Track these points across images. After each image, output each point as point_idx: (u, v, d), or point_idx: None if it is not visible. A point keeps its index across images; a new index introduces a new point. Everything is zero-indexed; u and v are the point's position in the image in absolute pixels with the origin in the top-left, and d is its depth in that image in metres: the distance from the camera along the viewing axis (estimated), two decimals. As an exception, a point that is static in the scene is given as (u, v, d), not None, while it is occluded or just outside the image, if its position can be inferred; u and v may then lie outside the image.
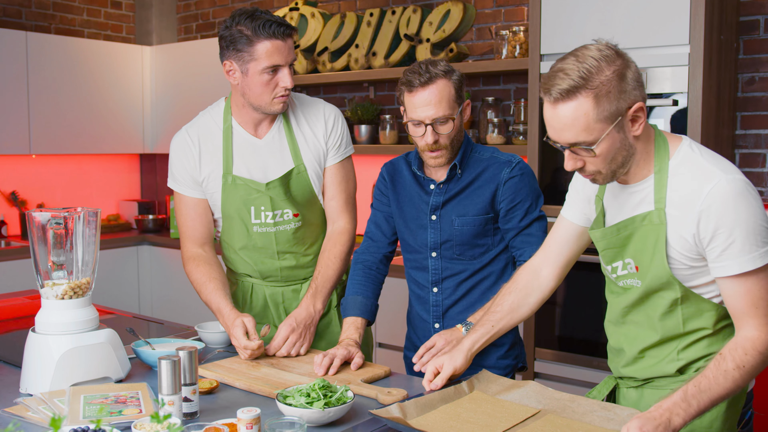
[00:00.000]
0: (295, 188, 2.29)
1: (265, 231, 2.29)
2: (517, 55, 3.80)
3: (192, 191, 2.30)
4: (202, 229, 2.31)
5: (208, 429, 1.49)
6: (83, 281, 1.91)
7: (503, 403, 1.75)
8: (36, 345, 1.86)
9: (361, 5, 4.74)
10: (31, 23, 5.16)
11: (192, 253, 2.29)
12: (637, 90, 1.57)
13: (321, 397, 1.64)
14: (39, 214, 1.87)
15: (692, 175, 1.60)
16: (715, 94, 3.08)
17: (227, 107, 2.30)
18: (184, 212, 2.30)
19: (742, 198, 1.54)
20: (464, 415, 1.68)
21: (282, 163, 2.28)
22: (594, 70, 1.53)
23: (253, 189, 2.25)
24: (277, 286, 2.39)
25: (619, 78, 1.54)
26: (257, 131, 2.29)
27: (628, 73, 1.55)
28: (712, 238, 1.56)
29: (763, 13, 3.37)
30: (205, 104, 5.18)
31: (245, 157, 2.27)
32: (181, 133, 2.32)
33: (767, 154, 3.40)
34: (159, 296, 5.19)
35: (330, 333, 2.44)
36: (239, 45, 2.12)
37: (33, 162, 5.13)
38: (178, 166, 2.30)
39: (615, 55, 1.56)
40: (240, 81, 2.17)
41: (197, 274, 2.24)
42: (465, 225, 2.16)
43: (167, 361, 1.61)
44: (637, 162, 1.66)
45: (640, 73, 1.59)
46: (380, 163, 4.54)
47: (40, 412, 1.69)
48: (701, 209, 1.56)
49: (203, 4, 5.68)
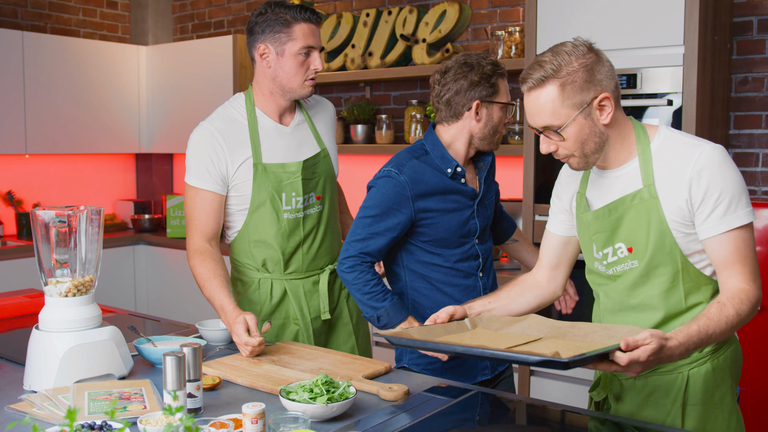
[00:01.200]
0: (321, 171, 2.41)
1: (295, 217, 2.36)
2: (512, 56, 3.83)
3: (212, 185, 2.29)
4: (213, 225, 2.31)
5: (214, 424, 1.51)
6: (86, 279, 1.93)
7: (506, 335, 1.77)
8: (40, 342, 1.88)
9: (357, 5, 4.76)
10: (27, 23, 5.16)
11: (199, 247, 2.29)
12: (606, 82, 1.72)
13: (324, 392, 1.66)
14: (43, 213, 1.89)
15: (677, 150, 1.74)
16: (709, 94, 3.11)
17: (249, 99, 2.37)
18: (199, 206, 2.30)
19: (727, 163, 1.70)
20: (468, 342, 1.70)
21: (309, 147, 2.41)
22: (564, 63, 1.70)
23: (285, 174, 2.32)
24: (298, 278, 2.41)
25: (586, 70, 1.70)
26: (282, 120, 2.39)
27: (597, 67, 1.71)
28: (702, 201, 1.69)
29: (756, 14, 3.41)
30: (201, 104, 5.21)
31: (274, 144, 2.34)
32: (203, 127, 2.33)
33: (760, 153, 3.44)
34: (155, 296, 5.20)
35: (341, 324, 2.51)
36: (277, 26, 2.24)
37: (29, 162, 5.13)
38: (200, 159, 2.29)
39: (587, 50, 1.72)
40: (273, 63, 2.28)
41: (202, 269, 2.25)
42: (491, 207, 2.37)
43: (172, 357, 1.63)
44: (614, 147, 1.78)
45: (612, 68, 1.75)
46: (376, 163, 4.59)
47: (45, 409, 1.70)
48: (692, 175, 1.69)
49: (199, 4, 5.70)
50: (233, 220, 2.39)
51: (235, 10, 5.48)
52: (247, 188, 2.31)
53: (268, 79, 2.31)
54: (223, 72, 4.97)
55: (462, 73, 2.19)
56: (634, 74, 3.05)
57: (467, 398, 1.84)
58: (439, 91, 2.24)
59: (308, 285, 2.44)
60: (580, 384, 3.26)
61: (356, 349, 2.54)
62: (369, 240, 2.19)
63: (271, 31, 2.25)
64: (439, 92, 2.24)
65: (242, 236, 2.38)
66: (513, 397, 1.93)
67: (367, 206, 2.21)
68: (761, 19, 3.40)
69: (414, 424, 1.67)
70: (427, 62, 4.07)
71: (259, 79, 2.35)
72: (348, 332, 2.54)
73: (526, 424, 1.79)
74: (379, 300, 2.18)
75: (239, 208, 2.36)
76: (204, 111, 5.05)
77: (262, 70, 2.32)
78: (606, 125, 1.74)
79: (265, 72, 2.31)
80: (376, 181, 2.23)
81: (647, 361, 1.51)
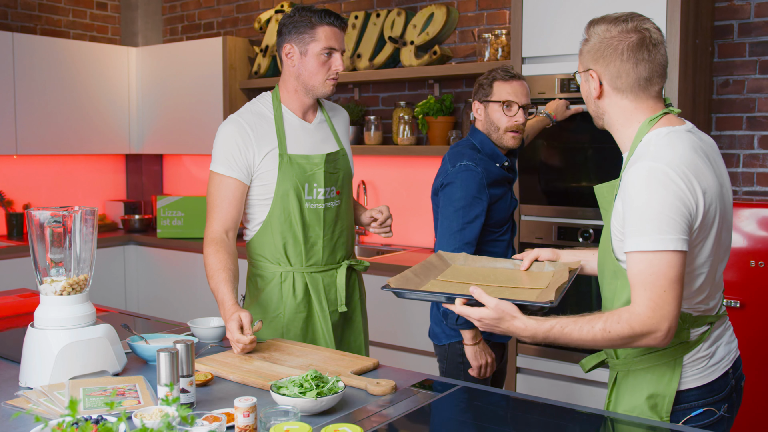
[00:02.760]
0: (340, 167, 2.55)
1: (315, 207, 2.46)
2: (499, 58, 3.89)
3: (239, 173, 2.39)
4: (234, 214, 2.40)
5: (207, 417, 1.56)
6: (81, 278, 1.97)
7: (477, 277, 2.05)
8: (35, 340, 1.92)
9: (346, 8, 4.81)
10: (17, 24, 5.18)
11: (217, 235, 2.36)
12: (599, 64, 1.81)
13: (313, 387, 1.71)
14: (39, 213, 1.93)
15: (635, 156, 1.74)
16: (690, 96, 3.18)
17: (275, 96, 2.51)
18: (223, 194, 2.39)
19: (652, 183, 1.64)
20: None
21: (330, 144, 2.56)
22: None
23: (308, 165, 2.45)
24: (318, 271, 2.50)
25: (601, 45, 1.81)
26: (305, 117, 2.53)
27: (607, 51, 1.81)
28: (624, 215, 1.69)
29: (737, 18, 3.48)
30: (191, 105, 5.23)
31: (298, 138, 2.48)
32: (232, 120, 2.44)
33: (741, 154, 3.51)
34: (145, 296, 5.23)
35: (355, 320, 2.64)
36: (302, 28, 2.39)
37: (19, 162, 5.15)
38: (228, 149, 2.39)
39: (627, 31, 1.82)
40: (297, 62, 2.43)
41: (214, 259, 2.31)
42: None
43: (166, 354, 1.68)
44: (617, 131, 1.85)
45: (629, 62, 1.78)
46: (365, 164, 4.64)
47: (41, 404, 1.74)
48: (621, 188, 1.73)
49: (189, 5, 5.73)
50: (255, 212, 2.47)
51: (224, 11, 5.51)
52: (272, 177, 2.42)
53: (293, 78, 2.46)
54: (213, 73, 5.00)
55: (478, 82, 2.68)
56: (617, 77, 3.11)
57: (453, 393, 1.90)
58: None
59: (327, 279, 2.53)
60: (566, 381, 3.32)
61: (363, 347, 2.66)
62: (465, 230, 2.49)
63: (297, 33, 2.40)
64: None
65: (265, 227, 2.46)
66: (498, 392, 1.98)
67: (454, 199, 2.51)
68: (742, 22, 3.47)
69: (400, 417, 1.72)
70: (414, 64, 4.12)
71: (285, 78, 2.49)
72: (359, 330, 2.66)
73: (511, 419, 1.84)
74: None
75: (262, 198, 2.44)
76: (194, 112, 5.11)
77: (288, 68, 2.46)
78: (598, 98, 1.83)
79: (290, 70, 2.46)
80: (456, 176, 2.52)
81: (480, 321, 1.71)
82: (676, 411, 1.80)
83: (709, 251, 1.73)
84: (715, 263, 1.78)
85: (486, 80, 2.64)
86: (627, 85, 1.78)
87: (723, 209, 1.76)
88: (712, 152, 1.81)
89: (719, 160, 1.83)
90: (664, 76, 1.82)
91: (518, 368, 3.45)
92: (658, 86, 1.81)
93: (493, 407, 1.90)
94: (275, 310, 2.47)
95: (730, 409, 1.86)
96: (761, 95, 3.45)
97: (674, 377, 1.79)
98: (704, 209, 1.67)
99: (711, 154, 1.79)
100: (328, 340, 2.49)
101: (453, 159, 2.59)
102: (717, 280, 1.83)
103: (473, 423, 1.79)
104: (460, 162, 2.55)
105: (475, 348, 2.55)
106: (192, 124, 5.17)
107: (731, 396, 1.87)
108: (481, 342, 2.57)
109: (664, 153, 1.68)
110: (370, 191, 4.68)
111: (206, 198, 2.44)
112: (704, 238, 1.71)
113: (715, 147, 1.85)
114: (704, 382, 1.81)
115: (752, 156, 3.49)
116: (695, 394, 1.80)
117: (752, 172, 3.49)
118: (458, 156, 2.59)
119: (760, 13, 3.43)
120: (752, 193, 3.49)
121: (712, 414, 1.81)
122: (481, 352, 2.56)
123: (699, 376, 1.81)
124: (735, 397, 1.89)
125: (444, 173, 2.60)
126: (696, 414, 1.80)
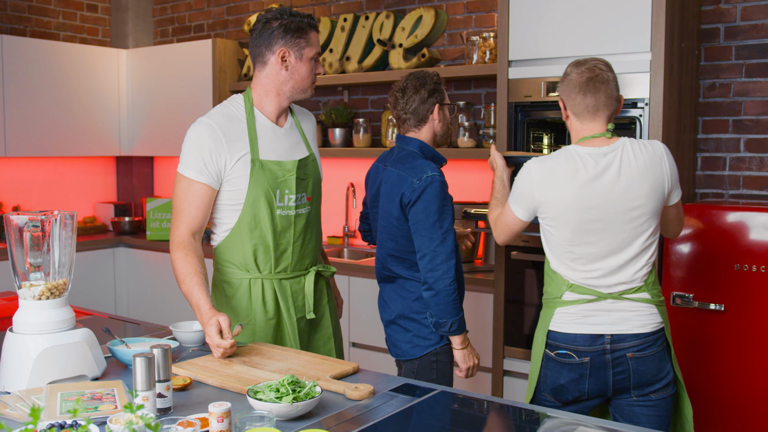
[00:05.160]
0: (310, 173, 2.53)
1: (287, 214, 2.45)
2: (487, 61, 3.90)
3: (206, 178, 2.34)
4: (201, 218, 2.36)
5: (182, 422, 1.56)
6: (60, 282, 1.97)
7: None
8: (14, 344, 1.91)
9: (335, 11, 4.81)
10: (7, 26, 5.17)
11: (184, 239, 2.32)
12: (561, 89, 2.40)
13: (290, 392, 1.71)
14: (16, 217, 1.92)
15: None
16: (676, 99, 3.19)
17: (248, 99, 2.46)
18: (190, 198, 2.34)
19: (522, 172, 2.36)
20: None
21: (300, 149, 2.53)
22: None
23: (280, 171, 2.42)
24: (286, 278, 2.48)
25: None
26: (277, 121, 2.50)
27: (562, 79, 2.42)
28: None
29: (723, 21, 3.49)
30: (181, 107, 5.22)
31: (270, 143, 2.44)
32: (202, 122, 2.38)
33: (727, 157, 3.52)
34: (135, 297, 5.22)
35: (323, 326, 2.62)
36: (297, 32, 2.39)
37: (8, 164, 5.14)
38: (198, 152, 2.34)
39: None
40: (292, 66, 2.41)
41: (184, 263, 2.28)
42: None
43: (141, 359, 1.67)
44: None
45: (570, 84, 2.34)
46: (354, 166, 4.65)
47: (17, 409, 1.74)
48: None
49: (179, 7, 5.73)
50: (223, 217, 2.43)
51: (215, 14, 5.51)
52: (242, 183, 2.37)
53: (280, 81, 2.42)
54: (203, 75, 5.00)
55: (418, 87, 2.66)
56: (602, 80, 3.11)
57: (431, 397, 1.90)
58: (403, 104, 2.67)
59: (295, 285, 2.50)
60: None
61: (333, 351, 2.62)
62: (448, 239, 2.53)
63: (292, 37, 2.39)
64: (404, 105, 2.67)
65: (235, 233, 2.42)
66: (476, 396, 1.99)
67: (429, 212, 2.51)
68: (728, 26, 3.48)
69: (377, 422, 1.72)
70: (403, 67, 4.12)
71: (264, 81, 2.43)
72: (328, 335, 2.62)
73: (487, 423, 1.85)
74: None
75: (232, 203, 2.40)
76: (184, 114, 5.11)
77: (275, 71, 2.41)
78: (565, 119, 2.41)
79: (279, 74, 2.41)
80: (425, 190, 2.52)
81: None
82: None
83: (563, 238, 2.30)
84: (573, 247, 2.30)
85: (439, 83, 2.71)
86: (578, 111, 2.33)
87: (568, 212, 2.27)
88: (594, 169, 2.26)
89: (606, 176, 2.26)
90: (610, 106, 2.31)
91: (505, 371, 3.45)
92: (604, 113, 2.31)
93: (470, 411, 1.90)
94: (245, 317, 2.44)
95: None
96: (747, 98, 3.46)
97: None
98: (546, 206, 2.30)
99: (590, 172, 2.26)
100: (295, 346, 2.47)
101: (411, 168, 2.59)
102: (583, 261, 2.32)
103: (449, 428, 1.80)
104: (425, 174, 2.55)
105: (463, 351, 2.60)
106: (182, 126, 5.12)
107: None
108: (469, 345, 2.60)
109: (544, 158, 2.35)
110: (359, 194, 4.68)
111: (173, 200, 2.38)
112: (554, 226, 2.30)
113: (615, 165, 2.26)
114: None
115: (738, 159, 3.50)
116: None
117: (738, 175, 3.50)
118: (416, 165, 2.59)
119: (746, 16, 3.44)
120: (738, 196, 3.50)
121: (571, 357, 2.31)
122: (469, 355, 2.61)
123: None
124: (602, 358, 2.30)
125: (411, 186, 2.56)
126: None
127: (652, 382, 2.30)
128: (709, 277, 2.97)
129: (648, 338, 2.28)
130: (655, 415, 2.31)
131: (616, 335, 2.27)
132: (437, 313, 2.52)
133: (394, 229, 2.62)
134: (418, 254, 2.54)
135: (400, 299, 2.66)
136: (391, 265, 2.67)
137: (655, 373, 2.29)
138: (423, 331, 2.62)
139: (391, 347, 2.75)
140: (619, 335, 2.27)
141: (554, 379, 2.34)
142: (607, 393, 2.32)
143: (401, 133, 2.73)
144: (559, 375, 2.33)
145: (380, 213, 2.68)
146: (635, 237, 2.27)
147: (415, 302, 2.62)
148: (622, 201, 2.24)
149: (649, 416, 2.31)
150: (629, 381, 2.29)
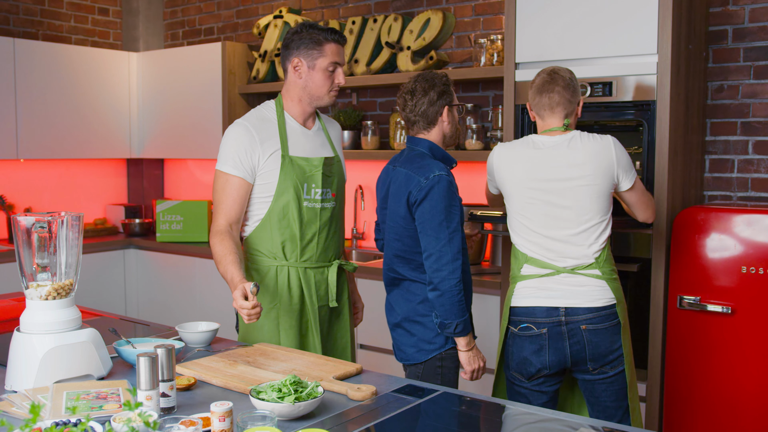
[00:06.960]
0: (335, 172, 2.71)
1: (313, 206, 2.62)
2: (494, 63, 3.90)
3: (242, 172, 2.54)
4: (238, 210, 2.56)
5: (184, 422, 1.57)
6: (66, 283, 1.99)
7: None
8: (21, 344, 1.94)
9: (343, 13, 4.83)
10: (19, 30, 5.22)
11: (222, 228, 2.52)
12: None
13: (292, 392, 1.72)
14: (24, 219, 1.95)
15: None
16: (683, 101, 3.18)
17: (279, 104, 2.68)
18: (228, 191, 2.55)
19: (494, 153, 2.71)
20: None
21: (326, 149, 2.71)
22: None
23: (308, 167, 2.61)
24: (311, 267, 2.63)
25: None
26: (306, 123, 2.69)
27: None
28: None
29: (731, 23, 3.48)
30: (191, 109, 5.26)
31: (299, 142, 2.64)
32: (238, 123, 2.60)
33: (735, 159, 3.51)
34: (145, 299, 5.26)
35: (343, 317, 2.74)
36: (311, 44, 2.57)
37: (20, 166, 5.19)
38: (235, 149, 2.55)
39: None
40: (305, 75, 2.60)
41: (221, 247, 2.46)
42: None
43: (145, 358, 1.69)
44: None
45: (533, 90, 2.67)
46: (362, 168, 4.67)
47: (24, 408, 1.76)
48: None
49: (190, 11, 5.76)
50: (255, 209, 2.61)
51: (225, 17, 5.55)
52: (273, 177, 2.56)
53: (299, 88, 2.62)
54: (212, 78, 5.03)
55: (427, 89, 2.67)
56: (609, 82, 3.12)
57: (434, 398, 1.91)
58: (412, 107, 2.68)
59: (318, 275, 2.64)
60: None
61: (349, 344, 2.77)
62: (455, 239, 2.53)
63: (305, 48, 2.57)
64: (413, 108, 2.68)
65: (264, 224, 2.59)
66: (480, 397, 1.99)
67: (436, 211, 2.52)
68: (736, 28, 3.47)
69: (378, 423, 1.73)
70: (411, 69, 4.13)
71: (289, 88, 2.65)
72: (347, 327, 2.76)
73: (490, 424, 1.85)
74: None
75: (263, 196, 2.58)
76: (194, 116, 5.14)
77: (294, 80, 2.62)
78: (532, 119, 2.73)
79: (297, 82, 2.62)
80: (432, 189, 2.53)
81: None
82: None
83: (516, 210, 2.61)
84: (526, 220, 2.59)
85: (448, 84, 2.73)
86: (538, 110, 2.65)
87: (518, 186, 2.60)
88: (544, 150, 2.58)
89: (554, 158, 2.56)
90: (566, 105, 2.60)
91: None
92: (561, 111, 2.60)
93: (472, 412, 1.90)
94: (271, 302, 2.56)
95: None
96: (756, 100, 3.45)
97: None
98: (503, 182, 2.66)
99: (540, 151, 2.59)
100: (315, 333, 2.60)
101: (419, 168, 2.60)
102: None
103: (452, 429, 1.80)
104: (432, 173, 2.56)
105: (469, 354, 2.60)
106: (192, 128, 5.20)
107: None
108: (475, 347, 2.60)
109: (505, 143, 2.71)
110: (367, 196, 4.70)
111: (213, 195, 2.59)
112: (509, 202, 2.64)
113: (560, 150, 2.56)
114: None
115: (747, 161, 3.48)
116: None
117: (747, 177, 3.48)
118: (425, 165, 2.61)
119: (754, 18, 3.43)
120: (747, 198, 3.49)
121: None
122: (474, 357, 2.61)
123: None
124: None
125: (418, 186, 2.57)
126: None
127: (606, 354, 2.54)
128: (717, 279, 2.96)
129: (600, 312, 2.52)
130: (614, 390, 2.58)
131: (570, 308, 2.52)
132: (442, 313, 2.52)
133: (400, 228, 2.63)
134: (424, 254, 2.54)
135: (405, 302, 2.67)
136: (397, 266, 2.67)
137: (609, 345, 2.53)
138: (428, 335, 2.62)
139: (396, 351, 2.75)
140: (572, 308, 2.52)
141: (518, 353, 2.60)
142: (566, 363, 2.55)
143: (411, 135, 2.75)
144: (521, 348, 2.59)
145: (388, 213, 2.69)
146: (582, 213, 2.53)
147: (420, 305, 2.62)
148: (567, 178, 2.53)
149: (608, 391, 2.58)
150: (585, 352, 2.53)
